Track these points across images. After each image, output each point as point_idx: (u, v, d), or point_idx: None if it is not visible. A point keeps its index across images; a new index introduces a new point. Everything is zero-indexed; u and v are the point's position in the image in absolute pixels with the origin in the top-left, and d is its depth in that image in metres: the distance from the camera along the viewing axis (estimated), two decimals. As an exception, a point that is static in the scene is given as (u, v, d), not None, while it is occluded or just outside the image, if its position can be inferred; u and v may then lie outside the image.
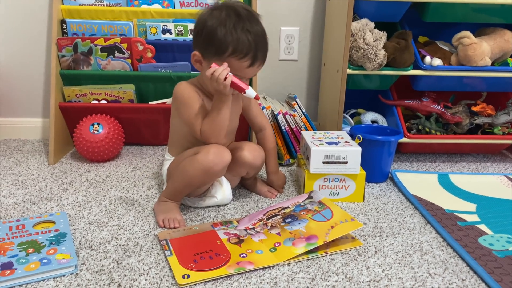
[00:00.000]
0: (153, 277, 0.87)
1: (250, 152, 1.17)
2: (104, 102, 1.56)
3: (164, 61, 1.55)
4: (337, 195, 1.24)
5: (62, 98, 1.57)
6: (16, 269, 0.84)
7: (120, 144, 1.53)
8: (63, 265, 0.86)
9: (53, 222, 1.03)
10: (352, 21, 1.41)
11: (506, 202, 1.25)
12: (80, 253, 0.94)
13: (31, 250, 0.91)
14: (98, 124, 1.47)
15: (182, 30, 1.56)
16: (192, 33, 1.08)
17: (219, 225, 1.07)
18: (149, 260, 0.92)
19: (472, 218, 1.15)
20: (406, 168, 1.52)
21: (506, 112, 1.55)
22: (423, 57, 1.48)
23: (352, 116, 1.67)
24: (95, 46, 1.52)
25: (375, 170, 1.37)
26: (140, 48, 1.52)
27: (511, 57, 1.53)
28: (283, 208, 1.11)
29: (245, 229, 1.04)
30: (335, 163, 1.21)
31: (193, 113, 1.09)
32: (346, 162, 1.21)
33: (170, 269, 0.89)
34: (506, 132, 1.55)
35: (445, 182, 1.38)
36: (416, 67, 1.47)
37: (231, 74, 1.01)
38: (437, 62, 1.45)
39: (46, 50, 1.70)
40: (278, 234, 1.00)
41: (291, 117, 1.51)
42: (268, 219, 1.07)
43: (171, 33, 1.56)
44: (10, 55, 1.70)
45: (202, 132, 1.08)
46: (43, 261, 0.87)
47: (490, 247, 1.00)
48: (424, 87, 1.55)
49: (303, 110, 1.53)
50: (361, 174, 1.23)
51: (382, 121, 1.60)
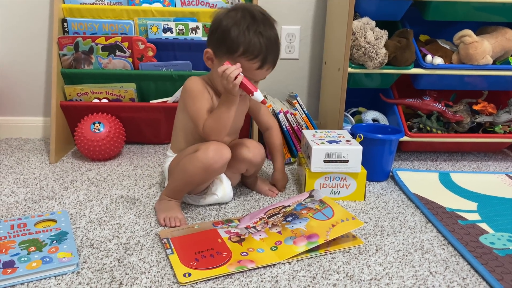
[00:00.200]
0: (154, 275, 0.87)
1: (250, 149, 1.17)
2: (105, 101, 1.56)
3: (165, 60, 1.56)
4: (338, 193, 1.24)
5: (63, 97, 1.57)
6: (17, 267, 0.84)
7: (121, 143, 1.53)
8: (64, 263, 0.87)
9: (55, 221, 1.04)
10: (353, 20, 1.40)
11: (507, 200, 1.25)
12: (82, 252, 0.95)
13: (32, 248, 0.91)
14: (99, 123, 1.47)
15: (183, 29, 1.56)
16: (208, 31, 1.11)
17: (220, 223, 1.07)
18: (150, 259, 0.93)
19: (473, 216, 1.15)
20: (407, 167, 1.52)
21: (507, 111, 1.55)
22: (424, 55, 1.48)
23: (353, 114, 1.67)
24: (96, 45, 1.52)
25: (376, 168, 1.37)
26: (141, 47, 1.52)
27: (512, 55, 1.53)
28: (284, 207, 1.11)
29: (246, 228, 1.04)
30: (336, 161, 1.21)
31: (200, 107, 1.10)
32: (347, 161, 1.21)
33: (171, 267, 0.89)
34: (507, 131, 1.54)
35: (446, 181, 1.38)
36: (417, 65, 1.47)
37: (242, 75, 1.02)
38: (438, 60, 1.45)
39: (47, 49, 1.71)
40: (279, 232, 1.00)
41: (292, 115, 1.51)
42: (269, 217, 1.07)
43: (172, 32, 1.56)
44: (11, 54, 1.70)
45: (205, 128, 1.08)
46: (44, 259, 0.87)
47: (491, 245, 1.00)
48: (425, 85, 1.54)
49: (304, 109, 1.53)
50: (362, 173, 1.23)
51: (383, 120, 1.60)
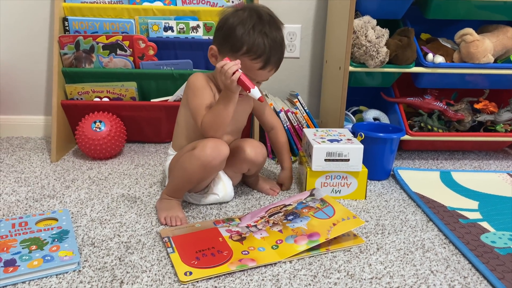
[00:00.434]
0: (155, 274, 0.87)
1: (252, 148, 1.17)
2: (106, 99, 1.56)
3: (166, 59, 1.56)
4: (339, 192, 1.24)
5: (64, 95, 1.57)
6: (19, 266, 0.85)
7: (122, 141, 1.53)
8: (65, 262, 0.87)
9: (56, 220, 1.04)
10: (354, 18, 1.40)
11: (508, 199, 1.25)
12: (83, 250, 0.95)
13: (34, 247, 0.91)
14: (100, 122, 1.47)
15: (184, 28, 1.56)
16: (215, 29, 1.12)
17: (221, 222, 1.07)
18: (152, 257, 0.93)
19: (474, 215, 1.15)
20: (408, 166, 1.52)
21: (508, 110, 1.54)
22: (425, 54, 1.48)
23: (354, 113, 1.67)
24: (97, 44, 1.52)
25: (377, 167, 1.36)
26: (142, 45, 1.52)
27: (514, 54, 1.53)
28: (285, 206, 1.11)
29: (247, 227, 1.04)
30: (337, 160, 1.21)
31: (201, 103, 1.10)
32: (348, 160, 1.21)
33: (172, 266, 0.89)
34: (509, 130, 1.54)
35: (447, 180, 1.38)
36: (418, 64, 1.46)
37: (241, 71, 1.02)
38: (440, 59, 1.45)
39: (48, 48, 1.71)
40: (280, 231, 1.00)
41: (293, 114, 1.51)
42: (270, 216, 1.07)
43: (173, 31, 1.56)
44: (12, 53, 1.70)
45: (203, 123, 1.08)
46: (46, 258, 0.87)
47: (492, 244, 1.00)
48: (426, 84, 1.54)
49: (305, 108, 1.53)
50: (363, 172, 1.22)
51: (384, 119, 1.60)
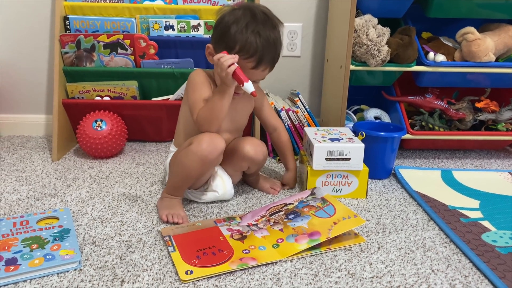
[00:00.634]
0: (156, 273, 0.87)
1: (252, 146, 1.17)
2: (107, 98, 1.56)
3: (167, 58, 1.56)
4: (340, 191, 1.24)
5: (65, 94, 1.57)
6: (20, 264, 0.85)
7: (123, 140, 1.53)
8: (66, 261, 0.87)
9: (57, 218, 1.04)
10: (355, 17, 1.40)
11: (509, 198, 1.25)
12: (84, 249, 0.95)
13: (35, 246, 0.91)
14: (101, 121, 1.47)
15: (184, 27, 1.55)
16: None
17: (222, 221, 1.07)
18: (152, 256, 0.93)
19: (475, 214, 1.14)
20: (409, 165, 1.51)
21: (510, 108, 1.54)
22: (426, 53, 1.47)
23: (355, 112, 1.67)
24: (98, 43, 1.52)
25: (378, 166, 1.36)
26: (143, 44, 1.52)
27: (515, 53, 1.53)
28: (286, 205, 1.11)
29: (248, 225, 1.04)
30: (338, 159, 1.21)
31: (198, 98, 1.10)
32: (349, 159, 1.21)
33: (173, 265, 0.89)
34: (510, 128, 1.54)
35: (448, 179, 1.38)
36: (419, 63, 1.46)
37: (237, 65, 1.02)
38: (441, 58, 1.44)
39: (49, 47, 1.71)
40: (281, 230, 1.00)
41: (294, 113, 1.50)
42: (271, 215, 1.07)
43: (173, 30, 1.56)
44: (13, 52, 1.70)
45: (198, 116, 1.08)
46: (47, 257, 0.87)
47: (493, 243, 1.00)
48: (428, 83, 1.54)
49: (306, 107, 1.53)
50: (364, 171, 1.22)
51: (385, 118, 1.59)
